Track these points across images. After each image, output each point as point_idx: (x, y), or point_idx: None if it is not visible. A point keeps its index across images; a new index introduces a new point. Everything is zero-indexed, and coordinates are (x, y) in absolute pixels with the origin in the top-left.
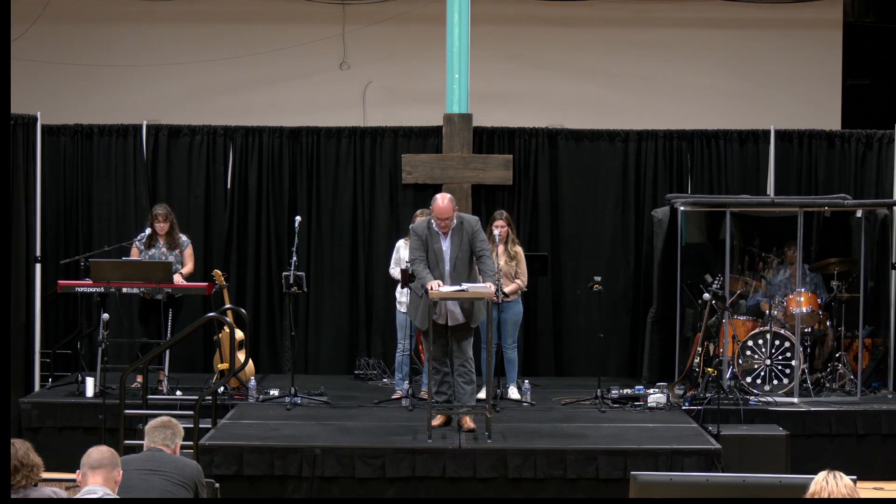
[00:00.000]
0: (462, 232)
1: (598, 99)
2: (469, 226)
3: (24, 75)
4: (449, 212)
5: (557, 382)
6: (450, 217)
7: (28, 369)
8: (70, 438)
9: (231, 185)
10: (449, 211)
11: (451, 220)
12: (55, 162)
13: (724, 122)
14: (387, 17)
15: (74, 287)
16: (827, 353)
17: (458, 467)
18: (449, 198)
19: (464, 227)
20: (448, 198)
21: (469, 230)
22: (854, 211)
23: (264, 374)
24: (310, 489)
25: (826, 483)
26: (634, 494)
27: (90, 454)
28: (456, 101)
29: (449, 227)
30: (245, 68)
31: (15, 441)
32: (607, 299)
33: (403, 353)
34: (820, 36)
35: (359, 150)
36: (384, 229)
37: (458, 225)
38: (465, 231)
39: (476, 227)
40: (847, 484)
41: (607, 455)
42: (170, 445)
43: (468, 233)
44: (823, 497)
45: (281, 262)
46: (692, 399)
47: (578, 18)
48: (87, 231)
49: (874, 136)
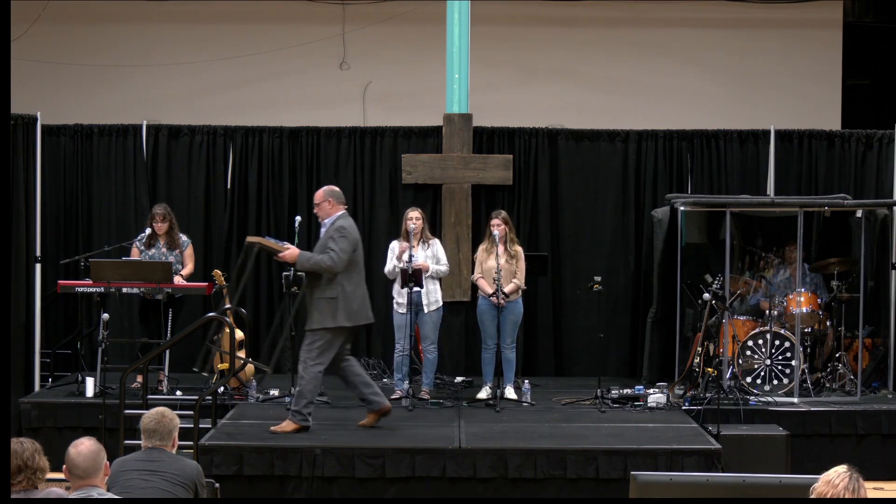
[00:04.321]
0: (328, 229)
1: (598, 99)
2: (333, 227)
3: (24, 75)
4: (316, 199)
5: (557, 382)
6: (317, 204)
7: (28, 369)
8: (70, 438)
9: (231, 185)
10: (316, 198)
11: (318, 209)
12: (55, 162)
13: (724, 122)
14: (387, 17)
15: (74, 287)
16: (827, 353)
17: (458, 467)
18: (325, 189)
19: (331, 225)
20: (324, 189)
21: (331, 230)
22: (854, 211)
23: (264, 374)
24: (310, 489)
25: (841, 493)
26: (634, 494)
27: (74, 462)
28: (456, 101)
29: (320, 216)
30: (245, 68)
31: (24, 441)
32: (607, 299)
33: (403, 354)
34: (820, 36)
35: (359, 150)
36: (384, 229)
37: (332, 222)
38: (329, 229)
39: (335, 234)
40: (862, 496)
41: (607, 455)
42: (167, 442)
43: (329, 232)
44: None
45: (281, 263)
46: (692, 399)
47: (578, 19)
48: (87, 231)
49: (874, 136)
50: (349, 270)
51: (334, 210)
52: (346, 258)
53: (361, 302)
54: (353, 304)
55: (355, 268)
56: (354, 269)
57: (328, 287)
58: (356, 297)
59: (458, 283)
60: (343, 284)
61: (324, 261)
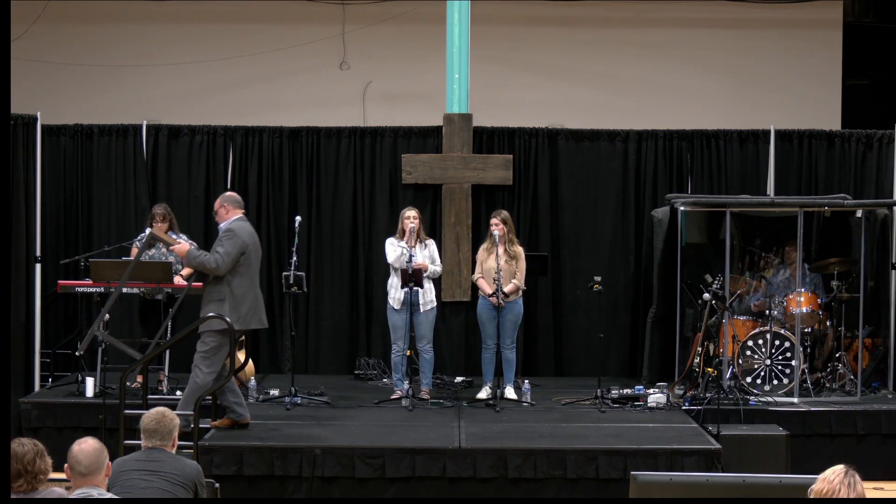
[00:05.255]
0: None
1: (598, 99)
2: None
3: (24, 75)
4: (215, 205)
5: (557, 382)
6: (215, 211)
7: (28, 369)
8: (70, 438)
9: (231, 185)
10: (215, 205)
11: (216, 215)
12: (55, 162)
13: (724, 122)
14: (387, 17)
15: (74, 287)
16: (827, 353)
17: (458, 467)
18: (222, 195)
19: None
20: (221, 195)
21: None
22: (854, 211)
23: (264, 374)
24: (310, 489)
25: (838, 489)
26: (634, 494)
27: (77, 459)
28: (456, 101)
29: (218, 221)
30: (245, 68)
31: (25, 441)
32: (607, 299)
33: (400, 354)
34: (820, 36)
35: (359, 150)
36: (384, 229)
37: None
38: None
39: (223, 236)
40: (858, 493)
41: (607, 455)
42: (167, 442)
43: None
44: (829, 493)
45: (281, 262)
46: (692, 399)
47: (578, 18)
48: (87, 231)
49: (874, 136)
50: (238, 273)
51: (230, 215)
52: (230, 260)
53: (252, 306)
54: (241, 307)
55: (246, 271)
56: (244, 273)
57: (215, 288)
58: (246, 300)
59: (458, 283)
60: (231, 286)
61: (208, 261)
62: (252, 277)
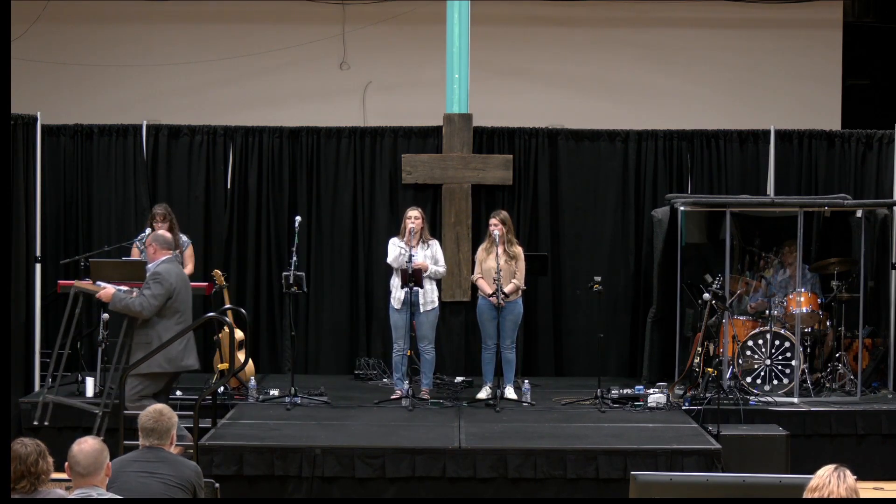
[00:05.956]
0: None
1: (598, 99)
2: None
3: (24, 75)
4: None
5: (557, 382)
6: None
7: (28, 369)
8: (70, 438)
9: (231, 186)
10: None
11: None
12: (55, 162)
13: (724, 122)
14: (387, 17)
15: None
16: (827, 353)
17: (458, 467)
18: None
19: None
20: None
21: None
22: (854, 211)
23: (264, 374)
24: (310, 489)
25: (829, 481)
26: (634, 494)
27: (76, 459)
28: (456, 101)
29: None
30: (245, 68)
31: (27, 442)
32: (607, 299)
33: (401, 354)
34: (820, 36)
35: (359, 150)
36: (384, 229)
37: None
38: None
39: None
40: (849, 486)
41: (607, 455)
42: (165, 441)
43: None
44: (823, 493)
45: (281, 262)
46: (692, 399)
47: (578, 18)
48: (87, 231)
49: (874, 136)
50: (166, 316)
51: (157, 255)
52: (157, 304)
53: (183, 347)
54: (171, 350)
55: (173, 315)
56: (172, 316)
57: (143, 331)
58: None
59: (457, 283)
60: (158, 330)
61: (133, 304)
62: (181, 321)
